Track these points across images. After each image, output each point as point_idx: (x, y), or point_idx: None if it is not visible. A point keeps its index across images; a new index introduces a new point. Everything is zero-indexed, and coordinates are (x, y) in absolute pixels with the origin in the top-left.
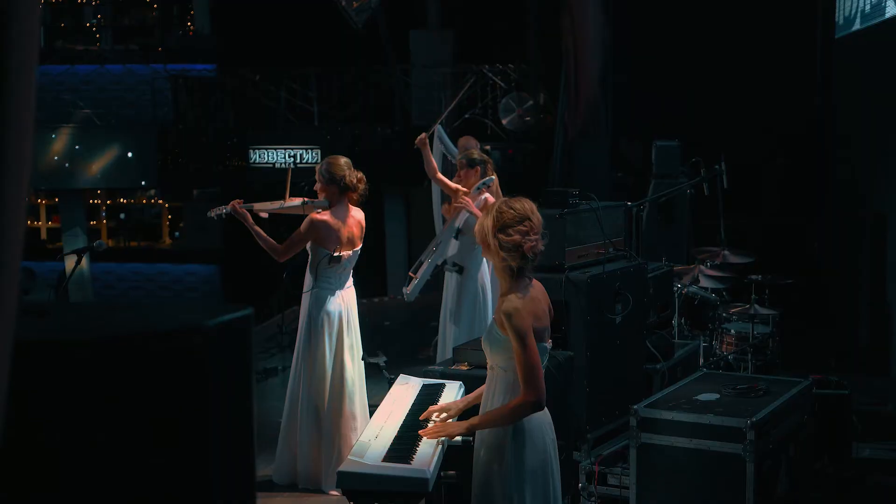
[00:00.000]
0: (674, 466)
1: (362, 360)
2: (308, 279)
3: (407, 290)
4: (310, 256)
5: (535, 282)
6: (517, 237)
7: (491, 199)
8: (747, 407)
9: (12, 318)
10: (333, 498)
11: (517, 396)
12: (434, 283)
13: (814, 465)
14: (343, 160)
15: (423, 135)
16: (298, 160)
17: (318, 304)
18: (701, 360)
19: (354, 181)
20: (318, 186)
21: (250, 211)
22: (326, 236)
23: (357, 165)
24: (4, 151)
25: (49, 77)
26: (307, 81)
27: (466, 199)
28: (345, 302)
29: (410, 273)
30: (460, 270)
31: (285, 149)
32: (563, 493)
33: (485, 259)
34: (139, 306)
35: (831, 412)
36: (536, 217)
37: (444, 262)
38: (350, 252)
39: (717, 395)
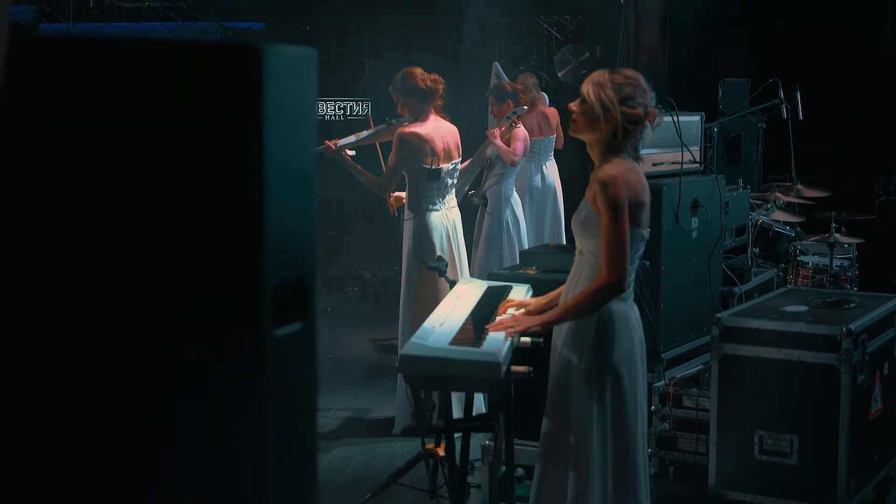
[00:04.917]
0: (760, 380)
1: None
2: (410, 203)
3: None
4: (407, 180)
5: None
6: (639, 110)
7: (521, 130)
8: (840, 317)
9: None
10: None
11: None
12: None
13: None
14: (417, 69)
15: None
16: (348, 112)
17: (423, 225)
18: None
19: (429, 83)
20: (399, 107)
21: None
22: (419, 148)
23: None
24: None
25: (100, 34)
26: (358, 32)
27: (493, 131)
28: (449, 220)
29: None
30: (486, 202)
31: (335, 100)
32: None
33: (512, 198)
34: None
35: None
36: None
37: (472, 192)
38: (449, 164)
39: (806, 307)
